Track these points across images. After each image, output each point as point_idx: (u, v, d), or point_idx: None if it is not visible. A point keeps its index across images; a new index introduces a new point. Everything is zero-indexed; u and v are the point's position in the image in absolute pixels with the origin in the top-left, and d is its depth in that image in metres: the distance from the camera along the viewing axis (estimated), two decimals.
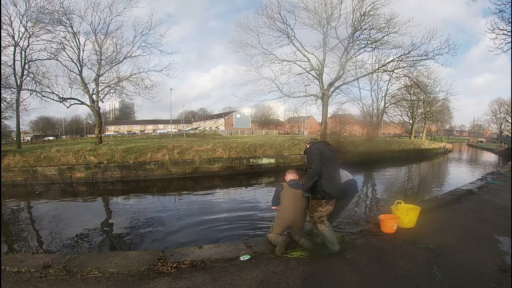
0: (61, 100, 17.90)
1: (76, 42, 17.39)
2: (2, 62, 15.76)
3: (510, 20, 10.48)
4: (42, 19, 16.45)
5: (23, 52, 16.87)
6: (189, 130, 62.01)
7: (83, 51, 17.62)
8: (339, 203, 3.97)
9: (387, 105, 32.20)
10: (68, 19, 16.71)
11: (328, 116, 24.72)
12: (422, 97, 32.34)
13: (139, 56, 18.79)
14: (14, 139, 18.36)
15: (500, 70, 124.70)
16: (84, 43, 17.63)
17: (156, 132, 63.50)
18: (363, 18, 18.86)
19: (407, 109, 36.52)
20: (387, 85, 29.79)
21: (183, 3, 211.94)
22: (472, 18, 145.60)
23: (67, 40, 17.17)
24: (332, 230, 3.57)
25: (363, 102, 29.10)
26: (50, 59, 17.20)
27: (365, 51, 21.01)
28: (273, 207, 3.92)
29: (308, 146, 3.79)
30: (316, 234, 3.79)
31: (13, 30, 16.48)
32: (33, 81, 17.34)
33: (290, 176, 3.99)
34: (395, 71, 21.52)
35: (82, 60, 17.62)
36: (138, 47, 20.18)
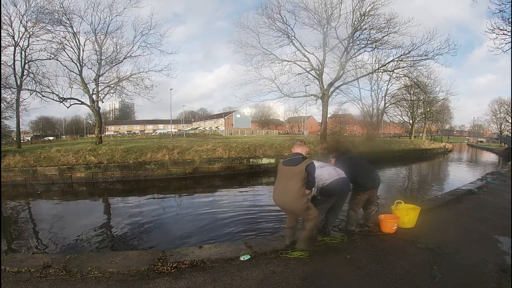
0: (61, 100, 17.87)
1: (76, 42, 17.38)
2: (2, 62, 15.76)
3: (510, 20, 10.51)
4: (42, 19, 16.43)
5: (23, 52, 16.85)
6: (189, 130, 62.01)
7: (83, 51, 17.61)
8: (332, 201, 3.92)
9: (387, 105, 32.29)
10: (68, 19, 16.69)
11: (328, 116, 24.75)
12: (422, 97, 32.37)
13: (139, 56, 18.76)
14: (14, 139, 18.32)
15: (502, 71, 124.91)
16: (84, 43, 17.62)
17: (156, 132, 63.48)
18: (363, 18, 18.87)
19: (407, 109, 36.54)
20: (387, 85, 29.91)
21: (191, 3, 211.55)
22: (476, 19, 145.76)
23: (67, 40, 17.16)
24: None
25: (363, 102, 29.21)
26: (50, 59, 17.18)
27: (365, 51, 21.11)
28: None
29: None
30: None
31: (13, 30, 16.47)
32: (33, 81, 17.32)
33: (297, 148, 3.53)
34: (395, 71, 21.57)
35: (82, 60, 17.60)
36: (138, 47, 20.17)
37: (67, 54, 17.30)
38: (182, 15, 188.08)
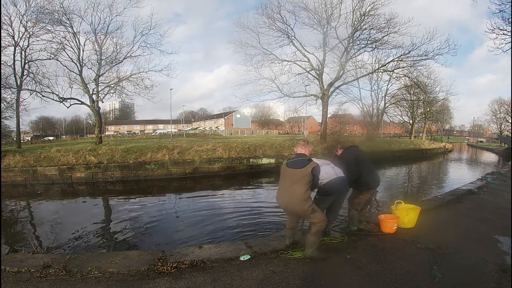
0: (61, 100, 17.87)
1: (76, 42, 17.37)
2: (2, 62, 15.76)
3: (510, 20, 10.50)
4: (42, 19, 16.42)
5: (23, 52, 16.84)
6: (189, 130, 62.01)
7: (83, 51, 17.61)
8: (329, 200, 3.90)
9: (387, 105, 32.27)
10: (68, 19, 16.68)
11: (328, 116, 24.74)
12: (422, 97, 32.37)
13: (139, 56, 18.74)
14: (14, 139, 18.31)
15: (502, 71, 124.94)
16: (84, 43, 17.62)
17: (156, 132, 63.46)
18: (363, 18, 18.87)
19: (407, 109, 36.53)
20: (387, 85, 29.89)
21: (191, 3, 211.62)
22: (476, 19, 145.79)
23: (67, 40, 17.16)
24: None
25: (363, 102, 29.16)
26: (50, 59, 17.18)
27: (365, 51, 21.09)
28: None
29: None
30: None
31: (13, 30, 16.46)
32: (33, 81, 17.31)
33: (300, 149, 3.37)
34: (395, 71, 21.56)
35: (82, 60, 17.59)
36: (138, 47, 20.17)
37: (67, 54, 17.33)
38: (182, 15, 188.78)
